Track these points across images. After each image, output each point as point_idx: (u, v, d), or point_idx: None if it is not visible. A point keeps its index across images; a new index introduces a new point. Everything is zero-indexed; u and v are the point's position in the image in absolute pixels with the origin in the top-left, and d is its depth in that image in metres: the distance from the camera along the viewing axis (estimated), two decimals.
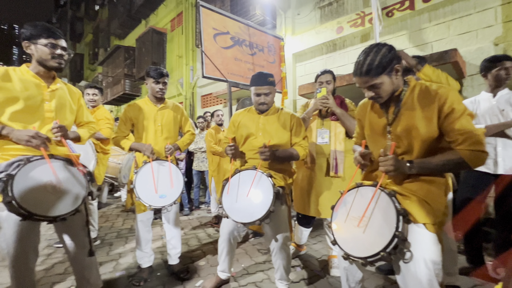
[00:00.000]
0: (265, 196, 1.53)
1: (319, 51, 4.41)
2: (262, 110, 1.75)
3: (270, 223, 1.63)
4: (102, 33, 13.06)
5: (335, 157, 1.96)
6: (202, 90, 7.22)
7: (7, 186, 1.09)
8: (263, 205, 1.51)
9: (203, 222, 3.64)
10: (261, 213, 1.48)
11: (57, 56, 1.36)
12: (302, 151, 1.74)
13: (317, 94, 2.00)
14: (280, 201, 1.64)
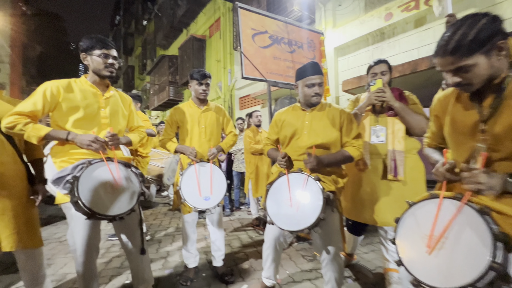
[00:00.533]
0: (313, 202, 1.41)
1: (364, 42, 4.07)
2: (316, 103, 1.59)
3: (320, 232, 1.49)
4: (149, 45, 14.26)
5: (394, 158, 1.72)
6: (240, 92, 7.32)
7: (73, 187, 1.18)
8: (312, 212, 1.39)
9: (244, 224, 3.63)
10: (309, 220, 1.37)
11: (109, 65, 1.45)
12: (356, 151, 1.55)
13: (370, 87, 1.77)
14: (331, 207, 1.49)
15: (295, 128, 1.63)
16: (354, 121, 1.65)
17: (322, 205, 1.36)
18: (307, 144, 1.57)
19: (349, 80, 3.52)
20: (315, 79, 1.55)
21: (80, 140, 1.31)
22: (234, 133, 2.20)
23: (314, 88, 1.56)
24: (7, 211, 1.41)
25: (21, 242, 1.44)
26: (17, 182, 1.47)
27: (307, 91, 1.57)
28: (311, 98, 1.57)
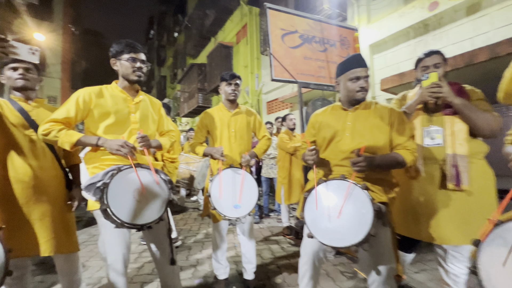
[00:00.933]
0: (361, 215, 1.21)
1: (404, 36, 3.71)
2: (361, 98, 1.39)
3: (370, 250, 1.29)
4: (180, 55, 14.95)
5: (455, 163, 1.45)
6: (267, 97, 7.23)
7: (103, 195, 1.15)
8: (360, 226, 1.19)
9: (274, 232, 3.47)
10: (357, 236, 1.18)
11: (137, 69, 1.42)
12: (410, 156, 1.32)
13: (422, 82, 1.52)
14: (382, 221, 1.28)
15: (335, 129, 1.45)
16: (406, 121, 1.42)
17: (372, 219, 1.17)
18: (350, 147, 1.38)
19: (388, 78, 3.21)
20: (360, 72, 1.36)
21: (109, 145, 1.29)
22: (267, 137, 2.09)
23: (359, 82, 1.36)
24: (46, 216, 1.44)
25: (59, 247, 1.46)
26: (56, 187, 1.51)
27: (351, 86, 1.38)
28: (356, 93, 1.37)
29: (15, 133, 1.40)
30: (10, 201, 1.37)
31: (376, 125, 1.38)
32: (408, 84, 2.98)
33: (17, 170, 1.38)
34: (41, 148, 1.46)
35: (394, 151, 1.38)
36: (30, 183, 1.40)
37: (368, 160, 1.24)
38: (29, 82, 1.47)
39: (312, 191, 1.38)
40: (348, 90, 1.40)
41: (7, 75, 1.45)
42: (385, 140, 1.38)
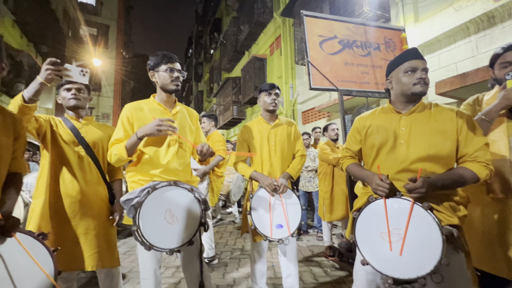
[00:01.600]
0: (428, 240, 1.00)
1: (462, 32, 3.27)
2: (420, 92, 1.15)
3: (442, 284, 1.03)
4: (215, 70, 15.67)
5: None
6: (303, 106, 7.04)
7: (136, 214, 1.11)
8: (427, 254, 0.99)
9: (315, 252, 3.19)
10: (425, 266, 0.97)
11: (174, 79, 1.42)
12: (483, 170, 1.06)
13: (507, 82, 1.23)
14: (454, 246, 1.04)
15: (386, 136, 1.22)
16: (477, 126, 1.15)
17: (443, 245, 0.96)
18: (407, 157, 1.15)
19: (445, 81, 2.81)
20: (416, 63, 1.15)
21: (146, 131, 1.25)
22: (302, 153, 1.92)
23: (417, 74, 1.14)
24: (91, 230, 1.47)
25: (101, 261, 1.48)
26: (100, 202, 1.55)
27: (406, 80, 1.16)
28: (413, 87, 1.14)
29: (66, 150, 1.48)
30: (60, 215, 1.43)
31: (438, 130, 1.14)
32: (472, 86, 2.57)
33: (66, 185, 1.45)
34: (87, 163, 1.52)
35: (461, 165, 1.13)
36: (77, 197, 1.46)
37: (427, 185, 1.01)
38: (80, 101, 1.57)
39: (363, 210, 1.18)
40: (403, 84, 1.18)
41: (62, 95, 1.57)
42: (450, 149, 1.12)
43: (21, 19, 7.49)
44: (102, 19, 16.34)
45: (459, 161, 1.16)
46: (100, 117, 15.55)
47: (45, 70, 1.14)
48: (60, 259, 1.39)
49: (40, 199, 1.40)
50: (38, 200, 1.41)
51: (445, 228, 1.03)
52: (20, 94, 1.18)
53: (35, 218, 1.38)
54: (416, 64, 1.16)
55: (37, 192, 1.43)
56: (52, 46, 9.61)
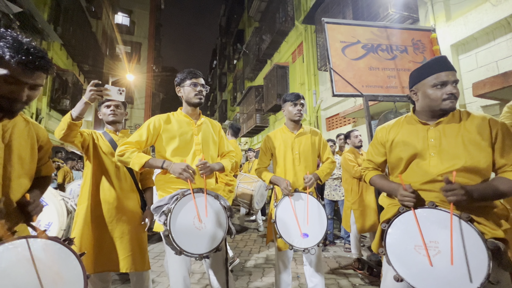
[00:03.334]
0: (472, 256, 0.93)
1: (502, 28, 3.01)
2: (450, 109, 1.11)
3: None
4: (239, 80, 16.05)
5: None
6: (326, 113, 6.91)
7: (166, 219, 1.17)
8: (473, 271, 0.91)
9: (342, 264, 3.06)
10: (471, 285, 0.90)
11: (198, 93, 1.52)
12: None
13: None
14: (499, 262, 0.96)
15: (414, 148, 1.17)
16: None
17: (489, 261, 0.89)
18: (439, 170, 1.09)
19: (484, 81, 2.59)
20: (447, 76, 1.08)
21: (173, 169, 1.33)
22: (331, 160, 1.91)
23: (447, 88, 1.08)
24: (125, 235, 1.58)
25: (134, 264, 1.57)
26: (133, 208, 1.66)
27: (435, 94, 1.10)
28: (443, 102, 1.09)
29: (105, 160, 1.63)
30: (99, 219, 1.56)
31: (472, 141, 1.07)
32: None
33: (105, 192, 1.59)
34: (123, 172, 1.66)
35: (499, 176, 1.05)
36: (114, 203, 1.58)
37: (463, 189, 0.95)
38: (118, 116, 1.74)
39: (393, 221, 1.12)
40: (431, 99, 1.12)
41: (103, 111, 1.74)
42: (487, 160, 1.05)
43: (67, 42, 8.41)
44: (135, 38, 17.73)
45: (498, 172, 1.08)
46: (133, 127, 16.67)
47: (89, 91, 1.29)
48: (98, 261, 1.51)
49: (83, 205, 1.55)
50: (82, 206, 1.56)
51: (490, 241, 0.95)
52: (69, 113, 1.35)
53: (80, 223, 1.52)
54: (446, 78, 1.09)
55: (81, 198, 1.59)
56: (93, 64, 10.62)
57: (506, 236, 1.01)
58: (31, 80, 0.81)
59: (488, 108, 3.10)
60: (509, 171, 1.03)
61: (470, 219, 0.98)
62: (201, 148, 1.52)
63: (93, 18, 11.48)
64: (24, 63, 0.77)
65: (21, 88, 0.81)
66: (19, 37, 0.80)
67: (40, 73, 0.83)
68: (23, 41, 0.79)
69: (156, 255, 3.41)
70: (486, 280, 0.89)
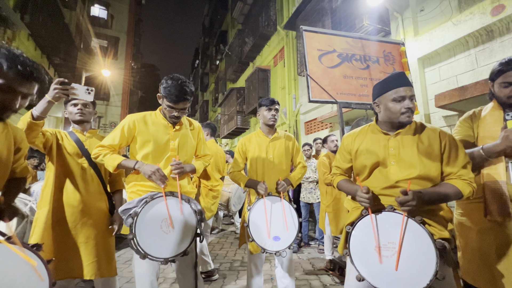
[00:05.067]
0: (422, 255, 1.03)
1: (461, 46, 3.30)
2: (407, 122, 1.20)
3: None
4: (221, 81, 15.95)
5: None
6: (305, 117, 7.08)
7: (133, 223, 1.14)
8: (423, 269, 1.01)
9: (315, 265, 3.15)
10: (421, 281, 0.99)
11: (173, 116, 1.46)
12: (466, 186, 1.11)
13: (507, 122, 1.17)
14: (445, 260, 1.07)
15: (377, 156, 1.26)
16: (459, 145, 1.18)
17: (437, 259, 0.99)
18: (398, 177, 1.19)
19: (445, 93, 2.82)
20: (404, 91, 1.18)
21: (144, 170, 1.33)
22: (303, 165, 1.97)
23: (404, 103, 1.17)
24: (91, 240, 1.51)
25: (100, 270, 1.50)
26: (100, 212, 1.59)
27: (393, 107, 1.19)
28: (401, 116, 1.18)
29: (70, 162, 1.55)
30: (62, 224, 1.47)
31: (425, 152, 1.18)
32: (471, 99, 2.57)
33: (69, 195, 1.50)
34: (90, 175, 1.58)
35: (446, 181, 1.16)
36: (78, 207, 1.51)
37: (417, 198, 1.04)
38: (86, 116, 1.65)
39: (356, 224, 1.20)
40: (391, 112, 1.21)
41: (69, 110, 1.65)
42: (438, 169, 1.16)
43: (36, 32, 7.84)
44: (112, 32, 16.95)
45: (445, 179, 1.19)
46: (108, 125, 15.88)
47: (53, 90, 1.22)
48: (60, 267, 1.43)
49: (44, 209, 1.46)
50: (43, 210, 1.46)
51: (438, 241, 1.05)
52: (30, 112, 1.26)
53: (39, 228, 1.42)
54: (404, 93, 1.18)
55: (42, 202, 1.49)
56: (64, 58, 9.99)
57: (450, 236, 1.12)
58: (25, 90, 0.86)
59: (449, 118, 3.37)
60: (454, 179, 1.14)
61: (422, 221, 1.07)
62: (176, 154, 1.50)
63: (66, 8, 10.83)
64: (21, 74, 0.83)
65: (15, 97, 0.85)
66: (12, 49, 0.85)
67: (35, 83, 0.88)
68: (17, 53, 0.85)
69: (127, 259, 3.28)
70: (434, 277, 0.97)
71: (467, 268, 1.40)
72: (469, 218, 1.40)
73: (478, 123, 1.41)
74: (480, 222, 1.33)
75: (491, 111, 1.37)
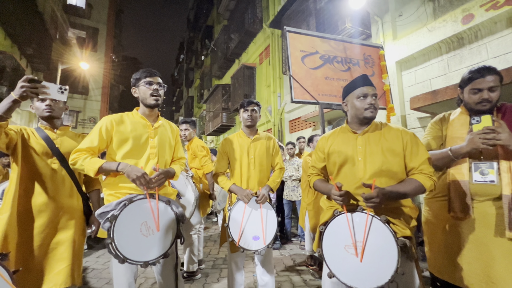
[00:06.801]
0: (385, 252, 1.10)
1: (435, 51, 3.48)
2: (371, 117, 1.30)
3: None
4: (206, 77, 15.72)
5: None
6: (290, 115, 7.17)
7: (111, 227, 1.13)
8: (385, 265, 1.08)
9: (296, 261, 3.24)
10: (384, 276, 1.07)
11: (153, 91, 1.45)
12: (428, 180, 1.20)
13: (473, 126, 1.26)
14: (407, 256, 1.17)
15: (345, 154, 1.34)
16: (420, 143, 1.28)
17: (398, 256, 1.06)
18: (364, 174, 1.27)
19: (419, 96, 2.98)
20: (367, 90, 1.29)
21: (128, 172, 1.28)
22: (280, 166, 2.01)
23: (367, 99, 1.28)
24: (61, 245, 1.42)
25: (72, 277, 1.41)
26: (73, 215, 1.51)
27: (359, 105, 1.30)
28: (364, 111, 1.29)
29: (38, 162, 1.44)
30: (29, 230, 1.38)
31: (388, 149, 1.27)
32: (443, 102, 2.73)
33: (36, 199, 1.41)
34: (61, 175, 1.49)
35: (409, 177, 1.25)
36: (47, 211, 1.41)
37: (381, 194, 1.11)
38: (55, 112, 1.54)
39: (329, 224, 1.26)
40: (357, 109, 1.31)
41: (36, 105, 1.52)
42: (400, 164, 1.26)
43: (5, 20, 7.33)
44: (91, 22, 16.14)
45: (408, 174, 1.27)
46: (87, 121, 15.20)
47: (20, 88, 1.10)
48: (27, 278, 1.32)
49: (5, 215, 1.32)
50: (3, 216, 1.32)
51: (400, 239, 1.13)
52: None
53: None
54: (366, 91, 1.29)
55: (3, 207, 1.35)
56: (38, 48, 9.41)
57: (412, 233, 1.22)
58: None
59: (423, 120, 3.56)
60: (417, 174, 1.23)
61: (387, 221, 1.15)
62: (157, 151, 1.47)
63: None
64: None
65: None
66: None
67: None
68: None
69: (107, 260, 3.21)
70: (395, 273, 1.05)
71: (433, 262, 1.51)
72: (435, 215, 1.51)
73: (447, 126, 1.52)
74: (445, 219, 1.44)
75: (459, 116, 1.48)
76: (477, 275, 1.28)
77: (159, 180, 1.34)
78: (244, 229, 1.68)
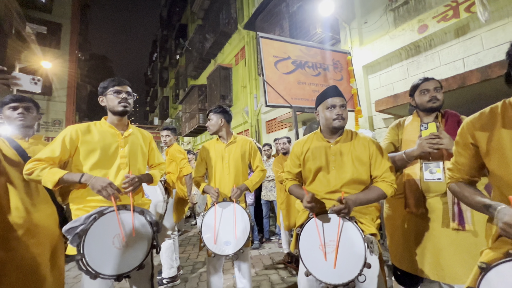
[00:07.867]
0: (355, 249, 1.22)
1: (397, 57, 3.78)
2: (339, 126, 1.40)
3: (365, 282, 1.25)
4: (181, 76, 15.36)
5: (456, 201, 1.39)
6: (266, 116, 7.29)
7: (80, 242, 1.11)
8: (354, 261, 1.20)
9: (275, 260, 3.34)
10: (354, 271, 1.19)
11: (122, 100, 1.43)
12: (389, 188, 1.34)
13: (422, 132, 1.45)
14: (371, 250, 1.28)
15: (320, 162, 1.45)
16: (384, 153, 1.43)
17: (365, 251, 1.19)
18: (337, 182, 1.39)
19: (382, 100, 3.23)
20: (335, 101, 1.40)
21: (92, 183, 1.22)
22: (261, 168, 2.04)
23: (335, 110, 1.39)
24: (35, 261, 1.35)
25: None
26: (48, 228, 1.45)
27: (328, 115, 1.41)
28: (333, 122, 1.39)
29: (10, 173, 1.37)
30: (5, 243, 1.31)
31: (357, 158, 1.40)
32: (403, 105, 2.99)
33: (11, 212, 1.34)
34: (35, 186, 1.43)
35: (373, 185, 1.39)
36: (22, 224, 1.35)
37: (349, 205, 1.24)
38: (28, 120, 1.48)
39: (305, 226, 1.36)
40: (326, 119, 1.42)
41: (7, 114, 1.44)
42: (367, 172, 1.39)
43: None
44: (53, 17, 14.95)
45: (373, 182, 1.41)
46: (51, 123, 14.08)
47: None
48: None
49: None
50: None
51: (367, 237, 1.25)
52: None
53: None
54: (335, 102, 1.40)
55: None
56: None
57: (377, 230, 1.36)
58: None
59: (387, 121, 3.85)
60: (380, 181, 1.37)
61: (355, 220, 1.27)
62: (127, 161, 1.44)
63: None
64: None
65: None
66: None
67: None
68: None
69: (78, 273, 3.05)
70: (363, 266, 1.17)
71: (394, 253, 1.67)
72: (394, 211, 1.67)
73: (402, 131, 1.69)
74: (402, 214, 1.60)
75: (411, 122, 1.65)
76: (429, 264, 1.45)
77: (133, 184, 1.32)
78: (217, 234, 1.72)
